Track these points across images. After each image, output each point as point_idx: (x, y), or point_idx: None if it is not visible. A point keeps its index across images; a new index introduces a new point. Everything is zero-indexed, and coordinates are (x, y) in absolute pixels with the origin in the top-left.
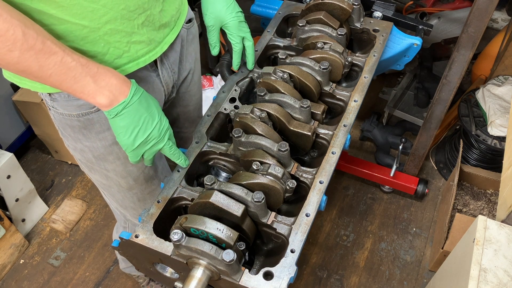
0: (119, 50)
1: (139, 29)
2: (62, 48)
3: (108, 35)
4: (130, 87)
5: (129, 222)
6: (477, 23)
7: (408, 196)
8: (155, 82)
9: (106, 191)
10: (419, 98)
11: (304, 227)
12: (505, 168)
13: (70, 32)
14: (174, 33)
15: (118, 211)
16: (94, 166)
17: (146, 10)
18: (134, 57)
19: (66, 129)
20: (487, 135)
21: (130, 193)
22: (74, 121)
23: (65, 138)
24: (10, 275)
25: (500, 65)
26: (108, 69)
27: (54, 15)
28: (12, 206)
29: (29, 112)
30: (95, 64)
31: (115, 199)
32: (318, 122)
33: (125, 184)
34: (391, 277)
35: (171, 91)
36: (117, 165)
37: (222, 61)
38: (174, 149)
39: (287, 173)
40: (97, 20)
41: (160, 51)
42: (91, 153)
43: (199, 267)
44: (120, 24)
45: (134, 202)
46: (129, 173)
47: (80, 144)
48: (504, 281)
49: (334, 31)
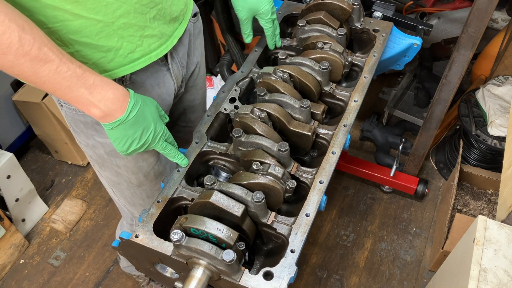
0: (132, 44)
1: (151, 23)
2: (59, 57)
3: (121, 29)
4: (127, 102)
5: (136, 220)
6: (477, 23)
7: (408, 196)
8: (166, 76)
9: (115, 188)
10: (419, 98)
11: (304, 227)
12: (505, 168)
13: (85, 27)
14: (182, 27)
15: (126, 208)
16: (105, 163)
17: (158, 4)
18: (146, 51)
19: (78, 125)
20: (487, 135)
21: (140, 189)
22: (87, 117)
23: (77, 135)
24: (10, 275)
25: (500, 65)
26: (106, 82)
27: (69, 10)
28: (12, 206)
29: (29, 112)
30: (92, 75)
31: (124, 196)
32: (318, 122)
33: (135, 180)
34: (391, 277)
35: (180, 85)
36: (128, 160)
37: (222, 61)
38: (168, 150)
39: (287, 173)
40: (111, 14)
41: (171, 45)
42: (103, 148)
43: (199, 267)
44: (133, 18)
45: (143, 198)
46: (140, 168)
47: (93, 140)
48: (504, 281)
49: (334, 31)
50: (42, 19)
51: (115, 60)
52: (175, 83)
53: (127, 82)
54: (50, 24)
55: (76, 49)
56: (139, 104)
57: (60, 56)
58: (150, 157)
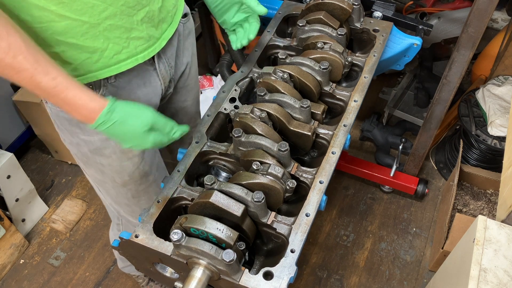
0: (118, 46)
1: (138, 25)
2: (34, 66)
3: (107, 31)
4: (96, 119)
5: (122, 218)
6: (477, 23)
7: (408, 196)
8: (152, 76)
9: (101, 186)
10: (419, 98)
11: (304, 227)
12: (505, 168)
13: (71, 28)
14: (172, 29)
15: (112, 207)
16: (89, 161)
17: (145, 6)
18: (133, 53)
19: (63, 122)
20: (487, 135)
21: (125, 189)
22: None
23: (61, 132)
24: (10, 275)
25: (500, 65)
26: (79, 97)
27: (55, 11)
28: (12, 206)
29: (29, 112)
30: (64, 90)
31: (109, 195)
32: (318, 122)
33: (119, 179)
34: (391, 277)
35: (168, 85)
36: (113, 159)
37: (222, 61)
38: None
39: (287, 173)
40: (97, 16)
41: (159, 47)
42: (87, 147)
43: (199, 267)
44: (120, 20)
45: (128, 198)
46: (124, 168)
47: (77, 138)
48: (504, 281)
49: (334, 31)
50: (28, 19)
51: (100, 61)
52: (162, 83)
53: (112, 81)
54: (36, 24)
55: (61, 49)
56: (113, 121)
57: (35, 66)
58: (135, 156)
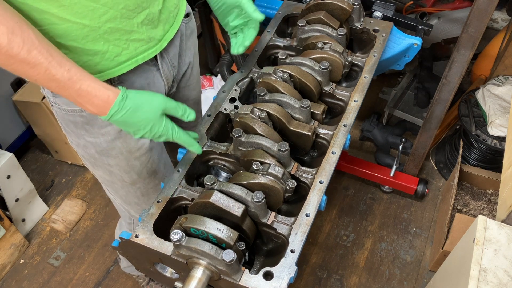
0: (118, 47)
1: (139, 28)
2: (48, 60)
3: (108, 34)
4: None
5: (134, 218)
6: (477, 23)
7: (408, 196)
8: (156, 77)
9: (110, 187)
10: (419, 98)
11: (304, 227)
12: (505, 168)
13: (71, 31)
14: (173, 30)
15: (123, 207)
16: (97, 162)
17: (145, 9)
18: (133, 54)
19: (69, 125)
20: (487, 135)
21: (134, 188)
22: (76, 117)
23: (68, 134)
24: (10, 275)
25: (500, 65)
26: (93, 87)
27: (56, 14)
28: (12, 206)
29: (29, 112)
30: (79, 81)
31: (119, 195)
32: (318, 122)
33: (128, 178)
34: (391, 277)
35: (171, 85)
36: (120, 159)
37: (222, 61)
38: (181, 141)
39: (287, 173)
40: (97, 19)
41: (160, 48)
42: (94, 148)
43: (199, 267)
44: (120, 23)
45: (138, 197)
46: (132, 167)
47: (83, 139)
48: (504, 281)
49: (334, 31)
50: (29, 21)
51: (101, 63)
52: (166, 83)
53: (115, 83)
54: (37, 27)
55: (62, 52)
56: (127, 107)
57: (49, 59)
58: (142, 155)
